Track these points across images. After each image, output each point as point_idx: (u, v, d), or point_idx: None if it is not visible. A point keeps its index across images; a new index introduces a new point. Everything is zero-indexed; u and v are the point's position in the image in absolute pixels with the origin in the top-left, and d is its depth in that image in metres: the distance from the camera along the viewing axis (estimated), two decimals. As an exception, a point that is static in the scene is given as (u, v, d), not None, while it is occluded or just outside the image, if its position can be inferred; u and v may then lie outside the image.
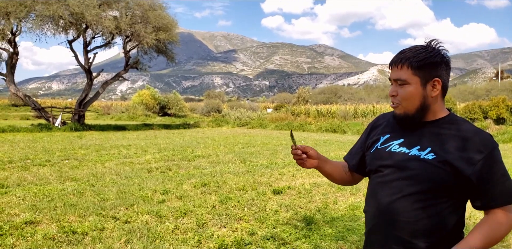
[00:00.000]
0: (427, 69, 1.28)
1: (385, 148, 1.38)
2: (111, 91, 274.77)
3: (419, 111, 1.31)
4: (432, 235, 1.26)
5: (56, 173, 6.49)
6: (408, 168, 1.28)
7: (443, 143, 1.27)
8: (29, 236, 3.45)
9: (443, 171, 1.23)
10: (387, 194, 1.31)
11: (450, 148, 1.25)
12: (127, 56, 19.82)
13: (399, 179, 1.30)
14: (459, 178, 1.23)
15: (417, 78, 1.29)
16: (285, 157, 8.93)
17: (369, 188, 1.43)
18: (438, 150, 1.26)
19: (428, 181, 1.25)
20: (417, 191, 1.26)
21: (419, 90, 1.30)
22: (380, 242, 1.35)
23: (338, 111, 24.67)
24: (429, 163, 1.25)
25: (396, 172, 1.31)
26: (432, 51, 1.30)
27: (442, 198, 1.26)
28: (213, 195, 5.09)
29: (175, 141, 12.80)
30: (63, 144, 11.16)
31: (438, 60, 1.29)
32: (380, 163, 1.37)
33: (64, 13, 15.70)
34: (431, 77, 1.29)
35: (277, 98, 59.44)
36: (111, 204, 4.53)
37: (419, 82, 1.29)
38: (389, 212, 1.30)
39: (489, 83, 51.95)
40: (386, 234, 1.33)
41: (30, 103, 18.78)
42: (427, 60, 1.28)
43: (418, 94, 1.30)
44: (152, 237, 3.48)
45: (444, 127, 1.30)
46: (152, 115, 33.29)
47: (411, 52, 1.30)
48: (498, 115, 19.52)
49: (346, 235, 3.62)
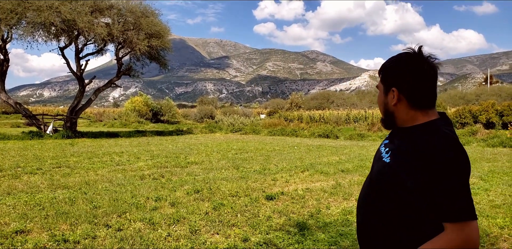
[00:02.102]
0: (388, 78, 1.35)
1: (379, 148, 1.49)
2: (104, 98, 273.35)
3: (385, 116, 1.40)
4: (381, 238, 1.30)
5: (47, 181, 6.43)
6: (372, 168, 1.43)
7: (400, 150, 1.30)
8: (20, 245, 3.42)
9: (392, 175, 1.28)
10: (361, 194, 1.44)
11: (403, 156, 1.26)
12: (120, 63, 19.79)
13: (367, 178, 1.43)
14: (409, 185, 1.22)
15: (382, 86, 1.38)
16: (278, 163, 8.95)
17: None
18: (394, 155, 1.31)
19: (380, 181, 1.33)
20: (370, 192, 1.36)
21: (381, 97, 1.39)
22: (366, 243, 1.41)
23: (331, 117, 24.80)
24: (384, 165, 1.33)
25: (371, 171, 1.45)
26: (401, 59, 1.32)
27: (392, 204, 1.27)
28: (206, 202, 5.08)
29: (168, 147, 12.75)
30: (55, 151, 11.07)
31: (400, 69, 1.30)
32: (373, 162, 1.49)
33: (56, 20, 15.66)
34: (390, 86, 1.35)
35: (270, 104, 59.58)
36: (103, 211, 4.50)
37: (383, 90, 1.38)
38: (359, 208, 1.44)
39: (478, 88, 52.61)
40: (364, 240, 1.40)
41: (21, 111, 18.63)
42: (388, 70, 1.35)
43: (381, 101, 1.40)
44: (145, 245, 3.47)
45: (411, 135, 1.29)
46: (145, 121, 33.17)
47: (387, 61, 1.37)
48: (487, 120, 19.75)
49: (338, 240, 3.63)
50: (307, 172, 7.58)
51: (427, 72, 1.28)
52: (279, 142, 15.50)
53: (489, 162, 8.58)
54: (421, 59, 1.29)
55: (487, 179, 6.73)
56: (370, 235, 1.35)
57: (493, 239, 3.65)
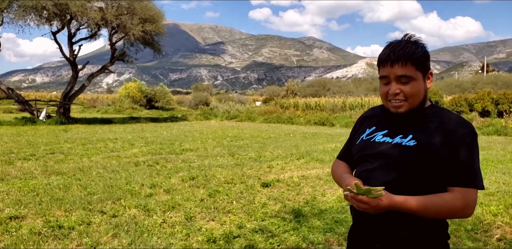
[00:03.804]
0: (423, 64, 1.33)
1: (369, 138, 1.42)
2: (97, 84, 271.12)
3: (421, 105, 1.36)
4: (415, 222, 1.29)
5: (41, 167, 6.39)
6: (389, 155, 1.32)
7: (424, 130, 1.32)
8: (14, 231, 3.40)
9: (423, 156, 1.27)
10: (370, 183, 1.31)
11: (431, 135, 1.29)
12: (113, 48, 19.51)
13: (380, 166, 1.33)
14: (438, 162, 1.26)
15: (419, 73, 1.33)
16: (274, 150, 8.94)
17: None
18: (419, 137, 1.30)
19: (408, 167, 1.28)
20: (399, 177, 1.29)
21: (422, 84, 1.34)
22: (368, 231, 1.38)
23: (327, 104, 24.77)
24: (410, 149, 1.29)
25: (378, 160, 1.35)
26: (420, 45, 1.34)
27: (422, 184, 1.29)
28: (202, 189, 5.07)
29: (162, 134, 12.70)
30: (48, 137, 10.98)
31: (427, 54, 1.35)
32: (364, 153, 1.40)
33: (48, 3, 15.32)
34: (427, 70, 1.35)
35: (266, 91, 59.29)
36: (98, 198, 4.48)
37: (422, 77, 1.34)
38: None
39: (475, 76, 52.63)
40: (372, 223, 1.35)
41: (13, 96, 18.40)
42: (425, 55, 1.33)
43: (423, 88, 1.34)
44: (140, 231, 3.46)
45: (427, 116, 1.35)
46: (139, 108, 32.98)
47: (408, 48, 1.31)
48: (483, 108, 19.84)
49: (334, 227, 3.64)
50: (303, 159, 7.58)
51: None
52: (274, 129, 15.49)
53: (484, 150, 8.63)
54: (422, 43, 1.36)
55: (482, 167, 6.71)
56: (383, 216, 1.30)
57: (486, 226, 3.68)
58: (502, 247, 3.28)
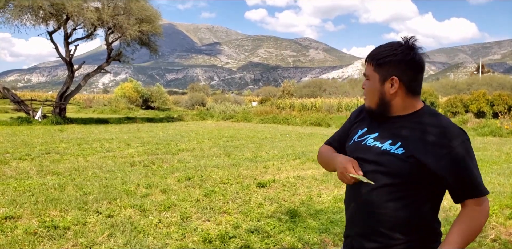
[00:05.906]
0: (385, 67, 1.34)
1: (361, 141, 1.43)
2: (93, 84, 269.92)
3: (379, 106, 1.38)
4: (407, 227, 1.30)
5: (36, 167, 6.36)
6: (379, 162, 1.33)
7: (412, 137, 1.30)
8: (9, 231, 3.39)
9: (411, 165, 1.27)
10: (364, 185, 1.34)
11: (419, 143, 1.28)
12: (109, 48, 19.45)
13: (373, 172, 1.34)
14: (427, 172, 1.26)
15: (376, 75, 1.36)
16: (270, 150, 8.96)
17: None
18: (407, 145, 1.30)
19: (398, 175, 1.29)
20: (389, 183, 1.30)
21: (377, 86, 1.37)
22: (360, 234, 1.39)
23: (323, 105, 24.81)
24: (398, 158, 1.29)
25: (371, 165, 1.35)
26: (396, 49, 1.33)
27: (413, 190, 1.30)
28: (197, 189, 5.07)
29: (158, 134, 12.68)
30: (44, 137, 10.94)
31: (398, 59, 1.32)
32: (357, 155, 1.41)
33: (44, 3, 15.27)
34: (388, 75, 1.34)
35: (262, 92, 59.36)
36: (93, 198, 4.47)
37: (378, 79, 1.36)
38: (366, 204, 1.36)
39: (470, 77, 52.87)
40: (365, 225, 1.37)
41: (9, 96, 18.31)
42: (386, 59, 1.33)
43: (376, 90, 1.37)
44: (136, 231, 3.46)
45: (414, 122, 1.33)
46: (135, 108, 32.87)
47: (378, 50, 1.37)
48: (478, 109, 19.96)
49: (329, 228, 3.66)
50: (299, 160, 7.60)
51: (423, 63, 1.35)
52: (270, 130, 15.51)
53: (479, 151, 8.68)
54: (415, 50, 1.34)
55: (476, 167, 6.81)
56: (373, 217, 1.34)
57: (480, 227, 3.71)
58: (496, 247, 3.31)
